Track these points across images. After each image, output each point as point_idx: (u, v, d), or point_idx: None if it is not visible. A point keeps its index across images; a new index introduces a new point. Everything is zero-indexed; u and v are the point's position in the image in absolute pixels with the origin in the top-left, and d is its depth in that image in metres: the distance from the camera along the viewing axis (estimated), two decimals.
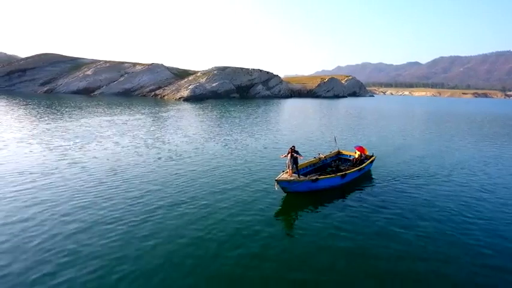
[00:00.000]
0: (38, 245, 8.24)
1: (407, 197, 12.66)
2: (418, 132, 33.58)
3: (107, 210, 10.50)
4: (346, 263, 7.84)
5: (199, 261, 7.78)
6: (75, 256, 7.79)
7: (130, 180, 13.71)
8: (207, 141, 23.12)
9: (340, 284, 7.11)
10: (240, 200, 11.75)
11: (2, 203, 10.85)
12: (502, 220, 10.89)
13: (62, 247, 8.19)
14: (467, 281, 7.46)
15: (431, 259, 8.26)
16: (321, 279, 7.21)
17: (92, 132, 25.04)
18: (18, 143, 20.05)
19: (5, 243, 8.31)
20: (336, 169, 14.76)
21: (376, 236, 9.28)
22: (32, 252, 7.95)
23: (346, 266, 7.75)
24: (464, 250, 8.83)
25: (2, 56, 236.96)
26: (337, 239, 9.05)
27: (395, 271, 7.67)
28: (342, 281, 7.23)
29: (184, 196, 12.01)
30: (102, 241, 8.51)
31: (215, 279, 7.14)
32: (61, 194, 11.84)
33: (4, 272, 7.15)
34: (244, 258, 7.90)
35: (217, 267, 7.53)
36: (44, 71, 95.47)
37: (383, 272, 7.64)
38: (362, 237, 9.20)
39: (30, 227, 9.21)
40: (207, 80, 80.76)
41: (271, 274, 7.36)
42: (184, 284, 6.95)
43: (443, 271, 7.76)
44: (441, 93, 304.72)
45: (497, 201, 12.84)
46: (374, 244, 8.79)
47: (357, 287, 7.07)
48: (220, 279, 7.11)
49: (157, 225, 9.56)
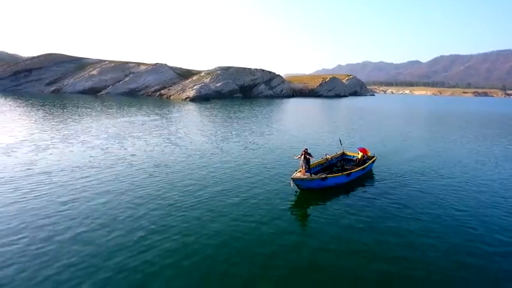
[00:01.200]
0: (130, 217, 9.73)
1: (404, 192, 14.14)
2: (417, 132, 35.01)
3: (158, 200, 12.03)
4: (352, 250, 9.26)
5: (229, 250, 9.26)
6: (158, 232, 9.27)
7: (166, 175, 15.44)
8: (225, 141, 24.66)
9: (348, 268, 8.50)
10: (261, 194, 13.28)
11: (72, 193, 12.60)
12: (503, 217, 12.08)
13: (145, 222, 9.68)
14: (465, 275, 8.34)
15: (423, 248, 9.71)
16: (329, 263, 8.65)
17: (120, 133, 26.66)
18: (62, 143, 21.87)
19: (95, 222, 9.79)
20: (342, 168, 16.23)
21: (375, 225, 10.72)
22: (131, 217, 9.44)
23: (351, 252, 9.18)
24: (460, 242, 10.28)
25: (4, 55, 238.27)
26: (343, 228, 10.49)
27: (392, 257, 9.12)
28: (348, 265, 8.64)
29: (216, 188, 13.60)
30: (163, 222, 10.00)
31: (244, 262, 8.58)
32: (120, 186, 13.73)
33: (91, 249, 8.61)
34: (267, 244, 9.32)
35: (247, 252, 8.98)
36: (50, 71, 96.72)
37: (382, 258, 9.09)
38: (363, 226, 10.67)
39: (111, 209, 10.71)
40: (211, 80, 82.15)
41: (291, 258, 8.84)
42: (214, 270, 8.32)
43: (442, 263, 9.16)
44: (441, 92, 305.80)
45: (495, 198, 14.30)
46: (374, 233, 10.21)
47: (361, 270, 8.51)
48: (249, 263, 8.53)
49: (209, 207, 11.06)
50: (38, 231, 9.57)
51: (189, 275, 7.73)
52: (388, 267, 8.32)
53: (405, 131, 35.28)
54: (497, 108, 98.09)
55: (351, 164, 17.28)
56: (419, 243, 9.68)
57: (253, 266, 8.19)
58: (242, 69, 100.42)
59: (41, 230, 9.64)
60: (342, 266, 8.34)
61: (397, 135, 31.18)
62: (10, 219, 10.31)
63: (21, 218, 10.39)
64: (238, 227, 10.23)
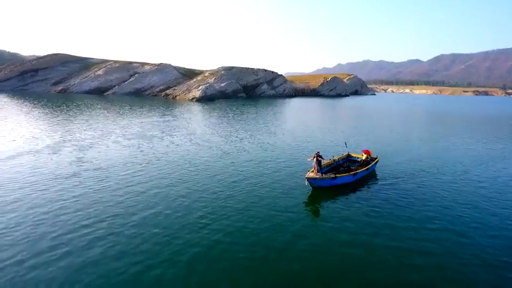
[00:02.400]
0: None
1: (403, 189, 15.73)
2: (416, 132, 36.54)
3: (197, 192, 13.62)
4: (357, 239, 10.79)
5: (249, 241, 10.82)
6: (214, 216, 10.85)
7: (197, 170, 17.47)
8: (241, 141, 26.41)
9: (351, 255, 10.02)
10: (277, 191, 14.90)
11: (126, 185, 14.40)
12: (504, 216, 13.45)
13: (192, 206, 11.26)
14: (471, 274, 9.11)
15: (417, 238, 11.26)
16: (340, 252, 10.17)
17: (145, 133, 28.71)
18: (101, 142, 24.01)
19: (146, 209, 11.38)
20: (348, 169, 17.76)
21: (376, 219, 12.25)
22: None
23: (357, 241, 10.71)
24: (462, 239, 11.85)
25: (6, 54, 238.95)
26: (350, 221, 12.03)
27: (388, 245, 10.67)
28: (352, 252, 10.17)
29: (239, 186, 15.20)
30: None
31: (264, 250, 10.09)
32: (163, 180, 15.83)
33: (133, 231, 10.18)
34: (284, 235, 10.81)
35: (265, 244, 10.48)
36: (55, 70, 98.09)
37: (383, 247, 10.65)
38: (367, 219, 12.25)
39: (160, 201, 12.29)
40: (215, 80, 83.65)
41: (305, 247, 10.40)
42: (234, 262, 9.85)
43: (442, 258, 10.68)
44: (442, 91, 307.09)
45: (496, 197, 15.85)
46: (375, 225, 11.73)
47: (365, 254, 10.05)
48: (268, 246, 10.07)
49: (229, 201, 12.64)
50: (113, 219, 11.30)
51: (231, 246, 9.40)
52: (384, 254, 9.83)
53: (406, 131, 36.79)
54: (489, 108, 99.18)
55: (356, 164, 18.74)
56: (413, 231, 11.23)
57: (271, 250, 9.77)
58: (245, 69, 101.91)
59: (115, 218, 11.35)
60: (346, 252, 9.85)
61: (398, 136, 32.67)
62: (87, 209, 12.02)
63: (96, 209, 12.18)
64: (261, 218, 11.83)
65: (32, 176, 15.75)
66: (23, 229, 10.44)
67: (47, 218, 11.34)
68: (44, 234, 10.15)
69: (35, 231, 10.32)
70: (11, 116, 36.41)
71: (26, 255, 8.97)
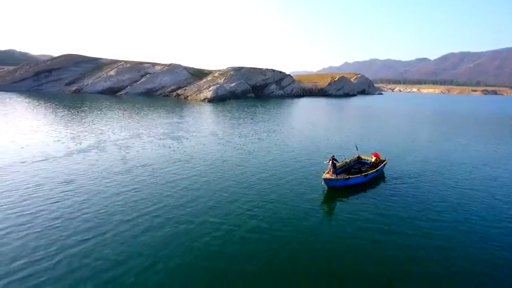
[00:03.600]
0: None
1: (410, 188, 17.03)
2: (423, 133, 37.47)
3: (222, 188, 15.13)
4: (369, 234, 12.00)
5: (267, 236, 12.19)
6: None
7: (231, 166, 19.14)
8: (258, 141, 27.90)
9: (360, 245, 11.31)
10: (297, 190, 16.31)
11: (169, 180, 15.98)
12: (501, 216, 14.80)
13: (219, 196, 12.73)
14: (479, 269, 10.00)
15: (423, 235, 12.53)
16: (351, 244, 11.42)
17: (170, 133, 30.45)
18: (135, 141, 26.08)
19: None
20: (358, 170, 19.13)
21: (385, 216, 13.50)
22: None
23: (369, 235, 11.91)
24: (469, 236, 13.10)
25: (16, 54, 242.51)
26: (361, 217, 13.36)
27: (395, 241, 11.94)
28: (367, 247, 11.45)
29: (259, 185, 16.60)
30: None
31: (284, 246, 11.40)
32: (200, 175, 17.53)
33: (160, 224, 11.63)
34: (303, 228, 12.13)
35: (285, 238, 11.73)
36: (69, 71, 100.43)
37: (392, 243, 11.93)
38: (377, 215, 13.58)
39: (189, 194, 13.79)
40: (225, 81, 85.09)
41: (323, 241, 11.71)
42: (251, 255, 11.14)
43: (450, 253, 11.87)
44: (450, 90, 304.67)
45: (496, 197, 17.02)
46: (384, 222, 12.95)
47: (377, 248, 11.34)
48: (286, 238, 11.39)
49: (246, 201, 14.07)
50: (170, 208, 12.86)
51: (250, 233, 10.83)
52: (391, 247, 11.08)
53: (413, 131, 37.81)
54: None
55: (366, 166, 20.02)
56: (418, 229, 12.45)
57: (294, 240, 11.17)
58: (253, 69, 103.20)
59: (172, 208, 12.96)
60: (356, 244, 11.15)
61: (405, 136, 33.75)
62: (147, 200, 13.69)
63: (153, 200, 13.99)
64: (284, 213, 13.26)
65: (89, 171, 17.78)
66: (94, 215, 12.15)
67: (116, 204, 13.43)
68: (120, 219, 11.89)
69: (111, 216, 12.13)
70: (42, 117, 38.42)
71: (102, 235, 10.54)
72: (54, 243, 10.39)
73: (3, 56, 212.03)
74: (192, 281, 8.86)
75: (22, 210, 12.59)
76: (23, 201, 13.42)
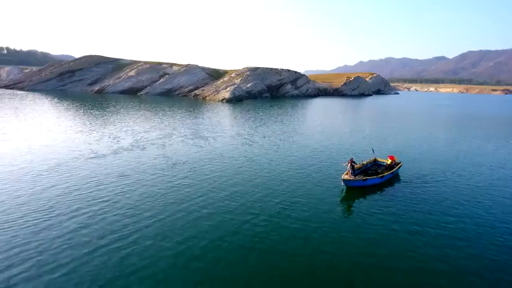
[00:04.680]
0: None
1: (424, 190, 17.95)
2: (438, 136, 37.64)
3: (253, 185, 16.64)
4: (383, 229, 13.11)
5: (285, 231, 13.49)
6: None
7: (259, 164, 20.86)
8: (282, 143, 29.27)
9: (374, 241, 12.46)
10: (319, 189, 17.63)
11: (212, 176, 17.78)
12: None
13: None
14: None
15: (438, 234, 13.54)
16: (366, 239, 12.58)
17: (199, 133, 32.52)
18: (172, 140, 28.29)
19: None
20: (375, 172, 20.28)
21: (399, 216, 14.49)
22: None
23: (383, 231, 13.00)
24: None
25: (38, 54, 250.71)
26: (377, 215, 14.49)
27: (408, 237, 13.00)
28: (386, 244, 12.61)
29: (284, 184, 18.02)
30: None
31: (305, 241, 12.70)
32: (234, 171, 19.36)
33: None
34: (324, 224, 13.34)
35: (305, 234, 12.93)
36: (90, 71, 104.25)
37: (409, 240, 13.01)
38: (391, 214, 14.69)
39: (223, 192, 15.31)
40: (241, 81, 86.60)
41: (344, 236, 12.91)
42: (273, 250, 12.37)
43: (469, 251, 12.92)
44: (468, 89, 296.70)
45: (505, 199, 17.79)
46: (398, 222, 13.92)
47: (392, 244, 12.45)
48: (308, 232, 12.61)
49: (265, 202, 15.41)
50: (216, 201, 14.46)
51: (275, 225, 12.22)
52: (403, 241, 12.22)
53: (428, 133, 38.09)
54: None
55: (382, 168, 21.11)
56: (428, 226, 13.51)
57: (314, 235, 12.48)
58: (269, 69, 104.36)
59: (216, 200, 14.54)
60: (370, 237, 12.35)
61: (421, 139, 34.20)
62: (193, 194, 15.36)
63: (195, 195, 15.71)
64: (306, 210, 14.57)
65: (137, 167, 19.97)
66: (154, 205, 14.04)
67: (168, 196, 15.44)
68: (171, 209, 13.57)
69: (161, 206, 13.83)
70: (79, 117, 41.12)
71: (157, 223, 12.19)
72: (127, 226, 12.43)
73: (26, 56, 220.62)
74: (238, 257, 10.45)
75: (94, 198, 14.95)
76: (90, 192, 15.65)
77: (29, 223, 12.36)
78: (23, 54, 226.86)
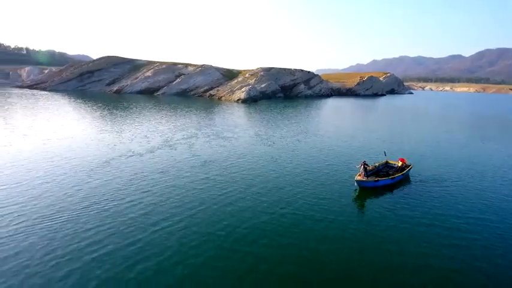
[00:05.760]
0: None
1: (433, 191, 18.75)
2: (451, 138, 37.94)
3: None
4: (393, 227, 14.13)
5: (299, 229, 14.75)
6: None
7: (277, 163, 22.41)
8: (299, 143, 30.55)
9: (387, 237, 13.51)
10: (333, 188, 18.79)
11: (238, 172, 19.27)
12: None
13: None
14: None
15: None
16: (377, 235, 13.62)
17: (221, 133, 34.29)
18: (198, 140, 30.06)
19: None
20: (386, 173, 21.25)
21: (409, 213, 15.60)
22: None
23: (393, 228, 14.02)
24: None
25: (56, 55, 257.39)
26: (388, 213, 15.52)
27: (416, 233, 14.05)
28: (385, 235, 13.67)
29: (301, 184, 19.32)
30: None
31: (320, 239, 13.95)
32: (255, 169, 20.32)
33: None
34: (338, 222, 14.44)
35: (320, 230, 14.21)
36: (108, 72, 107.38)
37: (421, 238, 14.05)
38: (401, 213, 15.64)
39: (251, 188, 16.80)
40: (255, 82, 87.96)
41: (356, 232, 14.06)
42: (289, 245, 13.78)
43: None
44: (485, 89, 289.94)
45: None
46: (408, 217, 15.06)
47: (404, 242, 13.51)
48: (322, 228, 13.79)
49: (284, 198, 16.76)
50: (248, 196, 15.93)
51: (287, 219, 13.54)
52: (412, 238, 13.25)
53: (441, 135, 38.52)
54: None
55: (393, 170, 21.93)
56: (437, 225, 14.44)
57: (329, 231, 13.68)
58: (282, 69, 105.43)
59: (248, 195, 16.02)
60: (380, 234, 13.38)
61: (432, 141, 34.58)
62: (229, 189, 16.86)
63: (226, 189, 17.21)
64: (322, 208, 15.75)
65: (172, 165, 21.85)
66: (191, 198, 15.60)
67: (202, 190, 17.25)
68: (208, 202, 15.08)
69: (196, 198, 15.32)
70: (106, 117, 43.40)
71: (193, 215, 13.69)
72: (176, 214, 14.28)
73: (44, 56, 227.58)
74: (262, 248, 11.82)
75: (143, 191, 16.99)
76: (139, 185, 17.72)
77: (97, 210, 14.58)
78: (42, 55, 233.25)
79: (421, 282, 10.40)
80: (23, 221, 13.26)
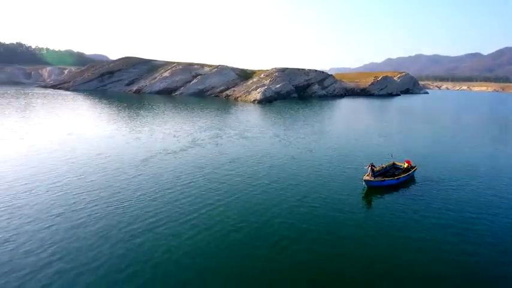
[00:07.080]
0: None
1: (435, 191, 20.14)
2: (461, 140, 38.64)
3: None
4: (398, 224, 15.64)
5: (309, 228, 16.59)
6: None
7: (292, 163, 24.35)
8: (315, 143, 32.59)
9: (391, 233, 15.02)
10: (342, 187, 20.49)
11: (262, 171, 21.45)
12: None
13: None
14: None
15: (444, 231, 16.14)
16: (383, 231, 15.26)
17: (243, 133, 36.45)
18: (223, 140, 32.46)
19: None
20: (392, 174, 22.84)
21: (412, 210, 17.12)
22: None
23: (398, 225, 15.53)
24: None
25: (74, 55, 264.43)
26: (393, 211, 17.09)
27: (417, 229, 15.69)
28: (391, 231, 15.24)
29: (313, 183, 21.30)
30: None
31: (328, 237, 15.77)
32: (271, 167, 22.49)
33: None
34: (347, 219, 15.97)
35: (329, 228, 15.85)
36: (128, 72, 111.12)
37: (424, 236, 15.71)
38: (406, 211, 17.14)
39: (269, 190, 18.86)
40: (270, 82, 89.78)
41: (362, 230, 15.77)
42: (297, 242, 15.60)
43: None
44: (505, 88, 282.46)
45: None
46: (412, 219, 16.27)
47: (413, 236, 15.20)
48: (330, 224, 15.47)
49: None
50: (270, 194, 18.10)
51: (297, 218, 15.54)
52: (415, 234, 14.84)
53: (451, 137, 39.42)
54: None
55: (399, 171, 23.43)
56: (436, 222, 15.95)
57: (338, 226, 15.42)
58: (296, 69, 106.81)
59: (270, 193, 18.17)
60: (386, 230, 14.93)
61: (441, 142, 35.51)
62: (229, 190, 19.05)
63: (255, 184, 19.31)
64: (331, 206, 17.34)
65: (207, 162, 24.44)
66: (227, 191, 18.26)
67: (234, 184, 19.91)
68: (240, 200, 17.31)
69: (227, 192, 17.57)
70: (130, 117, 46.41)
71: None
72: (212, 204, 16.66)
73: (64, 56, 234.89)
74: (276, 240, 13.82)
75: (182, 184, 19.55)
76: (177, 180, 20.27)
77: (141, 200, 17.08)
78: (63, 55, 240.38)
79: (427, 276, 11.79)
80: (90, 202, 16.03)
